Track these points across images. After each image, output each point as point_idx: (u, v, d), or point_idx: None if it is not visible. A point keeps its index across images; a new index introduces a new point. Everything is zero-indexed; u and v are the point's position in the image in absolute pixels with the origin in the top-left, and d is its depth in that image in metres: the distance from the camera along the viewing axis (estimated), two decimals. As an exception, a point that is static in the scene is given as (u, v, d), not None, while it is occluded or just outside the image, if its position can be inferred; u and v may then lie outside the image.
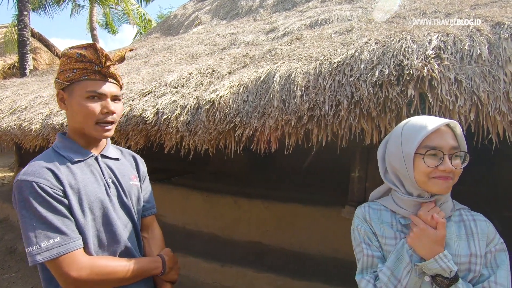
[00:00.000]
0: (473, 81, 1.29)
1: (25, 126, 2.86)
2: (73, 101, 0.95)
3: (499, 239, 0.85)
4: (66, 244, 0.86)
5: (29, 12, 7.69)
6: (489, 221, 0.87)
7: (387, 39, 1.65)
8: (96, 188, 0.96)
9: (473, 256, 0.82)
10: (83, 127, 0.97)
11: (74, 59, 0.93)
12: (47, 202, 0.86)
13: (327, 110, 1.53)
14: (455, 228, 0.87)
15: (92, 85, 0.94)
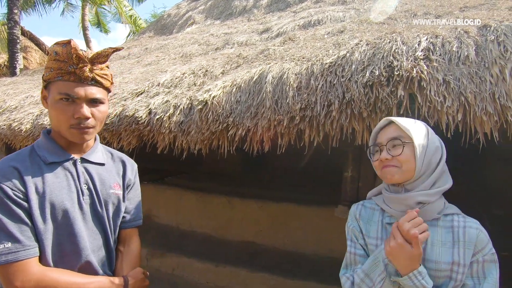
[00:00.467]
0: (460, 82, 1.32)
1: (15, 126, 2.81)
2: (49, 101, 0.89)
3: (490, 250, 0.81)
4: (16, 251, 0.79)
5: (20, 10, 7.57)
6: (482, 230, 0.83)
7: (378, 40, 1.67)
8: (65, 195, 0.89)
9: (455, 265, 0.80)
10: (59, 130, 0.91)
11: (52, 57, 0.87)
12: (5, 204, 0.80)
13: (319, 110, 1.54)
14: (441, 233, 0.85)
15: (65, 87, 0.87)
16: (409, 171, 0.86)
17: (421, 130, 0.88)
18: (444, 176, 0.89)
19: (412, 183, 0.87)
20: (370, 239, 0.92)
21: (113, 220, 1.00)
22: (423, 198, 0.84)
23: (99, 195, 0.95)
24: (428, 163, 0.86)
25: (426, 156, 0.85)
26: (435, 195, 0.85)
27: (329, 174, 3.97)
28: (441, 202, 0.88)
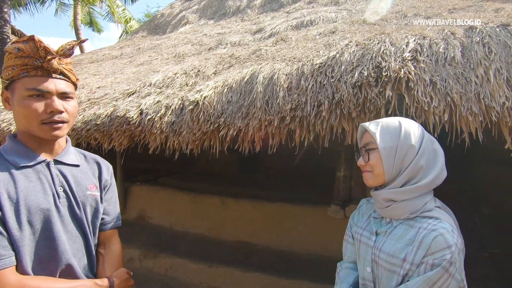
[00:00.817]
0: (447, 82, 1.34)
1: (4, 127, 2.78)
2: (15, 101, 0.85)
3: (443, 256, 0.77)
4: None
5: (9, 8, 7.45)
6: (444, 235, 0.79)
7: (367, 42, 1.69)
8: (41, 198, 0.85)
9: (406, 262, 0.82)
10: (29, 129, 0.87)
11: (14, 55, 0.84)
12: None
13: (309, 110, 1.55)
14: (406, 230, 0.86)
15: (33, 82, 0.84)
16: (380, 174, 0.89)
17: (389, 132, 0.88)
18: (422, 173, 0.86)
19: (388, 183, 0.90)
20: (356, 227, 1.01)
21: (92, 222, 0.97)
22: (389, 196, 0.87)
23: (76, 197, 0.93)
24: (400, 164, 0.86)
25: (397, 158, 0.86)
26: (406, 193, 0.85)
27: (322, 174, 4.00)
28: (418, 203, 0.86)
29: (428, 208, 0.86)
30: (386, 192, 0.88)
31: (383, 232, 0.90)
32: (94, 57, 5.87)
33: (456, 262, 0.77)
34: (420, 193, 0.86)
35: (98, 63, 5.22)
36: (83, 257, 0.94)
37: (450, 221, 0.85)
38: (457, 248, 0.78)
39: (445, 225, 0.81)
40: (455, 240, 0.79)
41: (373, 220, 0.96)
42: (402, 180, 0.86)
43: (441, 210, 0.89)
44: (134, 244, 3.73)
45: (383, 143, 0.87)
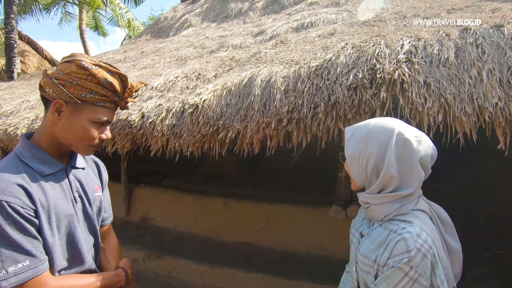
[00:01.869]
0: (440, 83, 1.35)
1: (11, 131, 2.84)
2: (75, 120, 0.88)
3: (401, 259, 0.77)
4: (35, 267, 0.81)
5: (16, 15, 7.61)
6: (406, 239, 0.78)
7: (363, 44, 1.71)
8: (65, 205, 0.90)
9: (376, 264, 0.83)
10: (72, 144, 0.91)
11: (97, 81, 0.86)
12: (18, 223, 0.79)
13: (306, 112, 1.58)
14: (379, 233, 0.86)
15: (104, 113, 0.90)
16: (352, 180, 0.91)
17: (355, 139, 0.87)
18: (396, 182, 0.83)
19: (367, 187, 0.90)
20: (353, 229, 1.01)
21: (98, 221, 1.03)
22: (365, 199, 0.88)
23: (89, 199, 0.98)
24: (365, 172, 0.86)
25: (361, 166, 0.86)
26: (380, 199, 0.85)
27: (324, 175, 4.01)
28: (392, 206, 0.85)
29: (403, 211, 0.84)
30: (361, 195, 0.90)
31: (366, 234, 0.91)
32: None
33: (418, 266, 0.76)
34: (394, 199, 0.84)
35: (102, 67, 5.30)
36: (93, 253, 1.01)
37: (423, 225, 0.82)
38: (420, 252, 0.76)
39: (412, 229, 0.79)
40: (418, 244, 0.76)
41: (365, 221, 0.97)
42: (377, 189, 0.86)
43: (418, 213, 0.85)
44: (138, 245, 3.78)
45: (347, 150, 0.88)
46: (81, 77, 0.85)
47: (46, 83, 0.87)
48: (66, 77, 0.85)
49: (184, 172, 5.16)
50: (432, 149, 0.85)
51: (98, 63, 0.88)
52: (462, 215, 3.49)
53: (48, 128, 0.89)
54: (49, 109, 0.88)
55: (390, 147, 0.82)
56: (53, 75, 0.86)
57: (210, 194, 4.09)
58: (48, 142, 0.91)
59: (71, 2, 10.30)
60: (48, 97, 0.87)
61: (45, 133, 0.90)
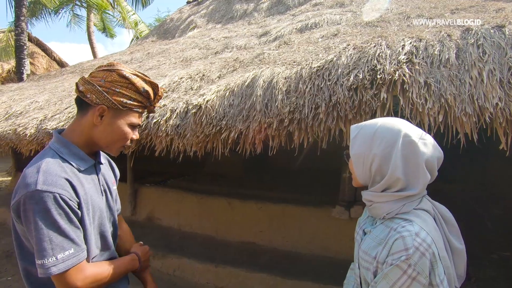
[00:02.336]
0: (441, 84, 1.36)
1: (20, 131, 2.92)
2: (116, 123, 0.97)
3: (400, 257, 0.77)
4: (78, 255, 0.88)
5: (26, 17, 7.77)
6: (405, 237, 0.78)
7: (365, 45, 1.72)
8: (97, 198, 0.99)
9: (375, 261, 0.84)
10: (108, 145, 1.00)
11: (136, 89, 0.95)
12: (67, 214, 0.87)
13: (307, 113, 1.59)
14: (381, 230, 0.87)
15: (137, 117, 1.00)
16: (355, 179, 0.92)
17: (360, 139, 0.87)
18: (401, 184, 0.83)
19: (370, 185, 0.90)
20: (358, 227, 1.01)
21: (115, 212, 1.13)
22: (368, 197, 0.89)
23: (111, 192, 1.08)
24: (369, 172, 0.87)
25: (365, 166, 0.86)
26: (383, 197, 0.86)
27: (327, 175, 4.00)
28: (394, 205, 0.85)
29: (405, 210, 0.84)
30: (365, 193, 0.91)
31: (368, 231, 0.92)
32: (105, 63, 6.05)
33: (416, 264, 0.76)
34: (397, 198, 0.85)
35: (109, 68, 5.38)
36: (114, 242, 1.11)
37: (423, 224, 0.82)
38: (418, 251, 0.76)
39: (412, 228, 0.79)
40: (417, 243, 0.77)
41: (369, 219, 0.98)
42: (381, 188, 0.86)
43: (420, 212, 0.85)
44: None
45: (353, 150, 0.88)
46: (122, 85, 0.94)
47: (88, 90, 0.94)
48: (109, 84, 0.93)
49: (189, 172, 5.21)
50: (438, 151, 0.85)
51: (135, 72, 0.97)
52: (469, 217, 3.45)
53: (86, 129, 0.97)
54: (90, 113, 0.96)
55: (396, 149, 0.82)
56: (95, 83, 0.94)
57: (215, 194, 4.12)
58: (83, 141, 0.98)
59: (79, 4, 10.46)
60: (90, 102, 0.94)
61: (82, 133, 0.98)
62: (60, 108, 3.08)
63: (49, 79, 5.87)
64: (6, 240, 4.27)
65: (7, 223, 4.79)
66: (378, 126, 0.86)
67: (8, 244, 4.16)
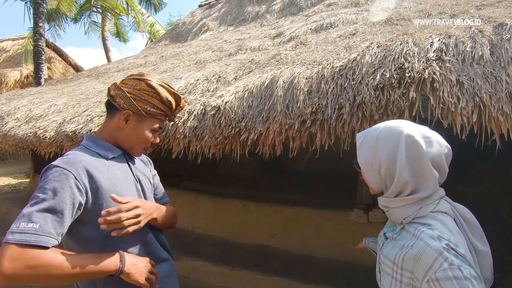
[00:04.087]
0: (475, 82, 1.29)
1: (40, 134, 2.97)
2: (139, 128, 1.06)
3: (440, 266, 0.72)
4: (39, 235, 0.80)
5: (44, 23, 7.99)
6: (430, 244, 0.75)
7: (389, 43, 1.66)
8: (129, 184, 1.05)
9: (395, 265, 0.82)
10: (131, 147, 1.08)
11: (160, 98, 1.04)
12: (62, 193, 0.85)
13: (330, 113, 1.55)
14: (400, 234, 0.86)
15: (159, 123, 1.08)
16: (370, 186, 0.90)
17: (365, 146, 0.86)
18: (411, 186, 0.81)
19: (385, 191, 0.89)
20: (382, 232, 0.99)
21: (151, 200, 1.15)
22: (384, 203, 0.88)
23: (145, 183, 1.13)
24: (379, 178, 0.85)
25: (374, 173, 0.85)
26: (397, 203, 0.84)
27: (344, 178, 3.92)
28: (410, 209, 0.83)
29: (422, 214, 0.82)
30: (380, 200, 0.90)
31: (390, 237, 0.90)
32: (120, 66, 6.15)
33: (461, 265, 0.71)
34: (412, 202, 0.82)
35: (124, 72, 5.46)
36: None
37: (443, 228, 0.78)
38: (451, 251, 0.72)
39: (431, 232, 0.76)
40: (444, 244, 0.73)
41: (389, 224, 0.97)
42: (393, 193, 0.84)
43: (439, 215, 0.82)
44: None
45: (360, 157, 0.87)
46: (148, 94, 1.03)
47: (118, 95, 1.04)
48: (137, 92, 1.03)
49: (203, 174, 5.21)
50: (445, 147, 0.82)
51: (161, 83, 1.06)
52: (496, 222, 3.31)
53: (112, 131, 1.07)
54: (117, 116, 1.05)
55: (399, 151, 0.80)
56: (125, 89, 1.03)
57: (229, 197, 4.10)
58: (110, 140, 1.07)
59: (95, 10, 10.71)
60: (118, 107, 1.04)
61: (109, 134, 1.07)
62: (78, 111, 3.13)
63: (66, 83, 6.00)
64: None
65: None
66: (380, 131, 0.85)
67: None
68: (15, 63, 10.67)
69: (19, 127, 3.41)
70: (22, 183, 7.87)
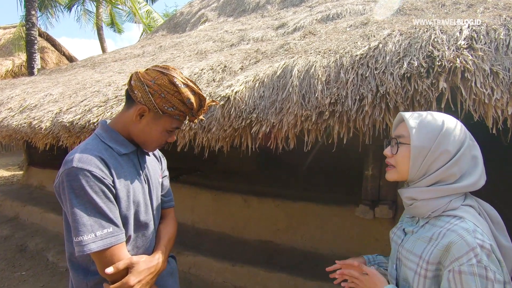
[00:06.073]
0: (511, 72, 1.21)
1: (35, 124, 2.83)
2: (154, 126, 0.98)
3: (469, 260, 0.71)
4: (117, 235, 0.88)
5: (37, 11, 7.71)
6: (465, 237, 0.73)
7: (413, 30, 1.57)
8: (137, 182, 0.99)
9: (422, 260, 0.79)
10: (144, 143, 1.02)
11: (181, 98, 0.94)
12: (102, 191, 0.87)
13: (350, 105, 1.45)
14: (426, 228, 0.83)
15: (177, 124, 1.00)
16: (403, 172, 0.85)
17: (427, 131, 0.82)
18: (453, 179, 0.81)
19: (411, 181, 0.86)
20: (395, 228, 0.98)
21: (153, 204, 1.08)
22: (412, 195, 0.84)
23: (152, 183, 1.07)
24: (427, 167, 0.82)
25: (426, 160, 0.81)
26: (430, 193, 0.81)
27: (349, 173, 3.86)
28: (440, 202, 0.81)
29: (452, 207, 0.80)
30: (409, 190, 0.85)
31: (410, 231, 0.88)
32: (117, 56, 5.96)
33: (489, 265, 0.70)
34: (446, 194, 0.81)
35: (122, 62, 5.29)
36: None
37: (476, 221, 0.77)
38: (484, 249, 0.71)
39: (466, 225, 0.75)
40: (479, 241, 0.72)
41: (406, 219, 0.95)
42: (430, 182, 0.82)
43: (468, 208, 0.81)
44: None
45: (417, 141, 0.81)
46: (169, 91, 0.93)
47: (137, 86, 0.95)
48: (157, 87, 0.93)
49: (202, 168, 5.11)
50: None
51: (186, 82, 0.95)
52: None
53: (127, 124, 1.00)
54: (133, 109, 0.97)
55: (463, 147, 0.81)
56: (145, 82, 0.94)
57: (230, 191, 4.02)
58: (125, 133, 1.01)
59: (89, -2, 10.40)
60: (135, 99, 0.96)
61: (124, 126, 1.00)
62: (75, 101, 2.99)
63: (61, 72, 5.80)
64: (20, 234, 4.23)
65: (19, 217, 4.76)
66: (442, 120, 0.83)
67: (21, 238, 4.13)
68: (7, 52, 10.34)
69: (13, 117, 3.26)
70: (15, 175, 7.68)
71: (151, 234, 1.04)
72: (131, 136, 1.01)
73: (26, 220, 4.57)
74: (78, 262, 0.94)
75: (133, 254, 0.97)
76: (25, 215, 4.61)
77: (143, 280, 0.92)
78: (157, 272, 0.98)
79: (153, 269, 0.96)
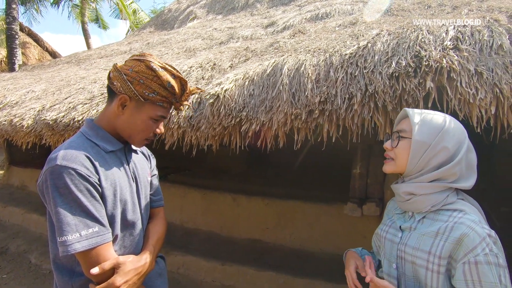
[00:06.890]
0: (494, 72, 1.24)
1: (16, 122, 2.73)
2: (137, 115, 0.95)
3: (482, 250, 0.74)
4: (103, 234, 0.86)
5: (18, 5, 7.44)
6: (475, 229, 0.76)
7: (400, 30, 1.59)
8: (125, 181, 0.97)
9: (431, 255, 0.79)
10: (130, 136, 0.98)
11: (161, 82, 0.91)
12: (88, 190, 0.84)
13: (339, 103, 1.46)
14: (427, 223, 0.85)
15: (162, 111, 0.96)
16: (401, 165, 0.88)
17: (429, 127, 0.85)
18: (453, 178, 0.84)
19: (408, 176, 0.88)
20: (383, 225, 1.00)
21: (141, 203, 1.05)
22: (412, 189, 0.86)
23: (140, 182, 1.04)
24: (425, 162, 0.84)
25: (425, 155, 0.84)
26: (429, 188, 0.84)
27: (337, 171, 3.90)
28: (439, 196, 0.84)
29: (450, 201, 0.84)
30: (408, 185, 0.87)
31: (407, 228, 0.89)
32: (103, 53, 5.82)
33: (498, 253, 0.74)
34: (444, 189, 0.84)
35: (108, 58, 5.17)
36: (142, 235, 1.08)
37: (476, 213, 0.82)
38: (492, 237, 0.76)
39: (472, 217, 0.79)
40: (487, 230, 0.77)
41: (397, 216, 0.95)
42: (432, 178, 0.84)
43: (465, 201, 0.86)
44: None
45: (418, 136, 0.84)
46: (147, 77, 0.91)
47: (115, 77, 0.93)
48: (135, 74, 0.91)
49: (190, 166, 5.06)
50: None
51: (164, 65, 0.93)
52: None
53: (111, 118, 0.97)
54: (114, 102, 0.94)
55: (462, 147, 0.84)
56: (122, 71, 0.92)
57: (219, 190, 3.99)
58: (111, 129, 0.98)
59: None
60: (115, 90, 0.94)
61: (108, 121, 0.97)
62: (59, 98, 2.89)
63: (44, 69, 5.62)
64: (0, 236, 4.09)
65: (0, 218, 4.59)
66: (448, 120, 0.86)
67: (2, 240, 3.98)
68: (-15, 47, 9.93)
69: (-8, 115, 3.13)
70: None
71: (138, 233, 1.01)
72: (117, 132, 0.98)
73: (7, 222, 4.41)
74: (62, 263, 0.91)
75: (120, 254, 0.94)
76: (5, 216, 4.45)
77: (130, 281, 0.89)
78: (145, 272, 0.95)
79: (140, 270, 0.93)
